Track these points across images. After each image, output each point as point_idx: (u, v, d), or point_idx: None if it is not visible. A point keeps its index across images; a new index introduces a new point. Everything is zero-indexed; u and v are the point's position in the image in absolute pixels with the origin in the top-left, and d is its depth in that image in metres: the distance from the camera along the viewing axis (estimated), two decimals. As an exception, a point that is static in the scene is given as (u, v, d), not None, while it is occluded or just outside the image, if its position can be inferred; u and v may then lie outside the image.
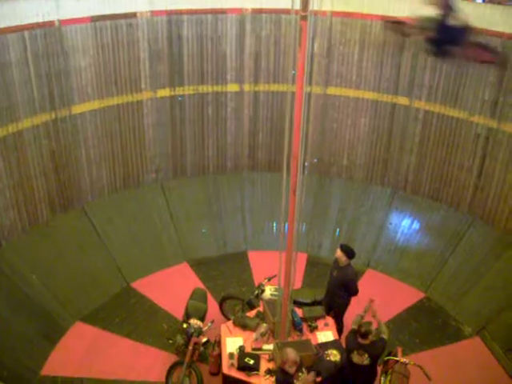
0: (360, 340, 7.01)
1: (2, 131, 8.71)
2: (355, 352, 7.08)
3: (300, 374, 6.71)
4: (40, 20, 8.74)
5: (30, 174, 9.35)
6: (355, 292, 8.33)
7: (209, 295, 9.29)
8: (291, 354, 6.49)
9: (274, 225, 11.49)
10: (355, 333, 7.09)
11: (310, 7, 5.56)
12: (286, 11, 10.51)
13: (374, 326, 7.14)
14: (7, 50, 8.44)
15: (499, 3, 9.54)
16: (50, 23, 8.90)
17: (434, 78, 10.23)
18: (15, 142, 8.97)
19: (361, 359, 7.06)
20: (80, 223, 10.29)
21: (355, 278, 8.49)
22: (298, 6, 5.69)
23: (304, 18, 5.56)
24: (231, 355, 7.55)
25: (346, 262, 8.30)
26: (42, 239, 9.67)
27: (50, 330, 8.99)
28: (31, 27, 8.65)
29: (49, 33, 8.93)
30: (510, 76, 9.34)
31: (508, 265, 9.68)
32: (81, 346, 8.90)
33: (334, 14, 10.37)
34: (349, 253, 8.29)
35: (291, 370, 6.48)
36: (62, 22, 9.05)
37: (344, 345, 7.45)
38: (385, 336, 7.19)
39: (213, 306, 9.22)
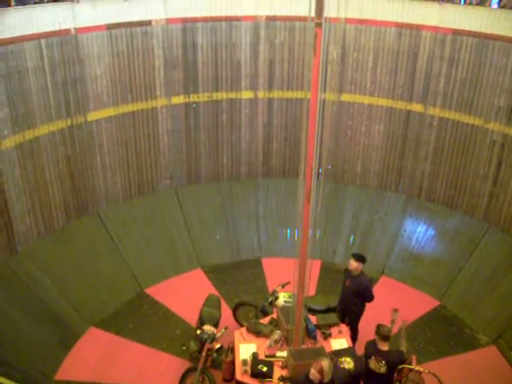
0: (379, 346, 6.99)
1: (18, 138, 8.81)
2: (373, 358, 7.04)
3: None
4: (56, 28, 8.86)
5: (45, 180, 9.44)
6: (371, 299, 8.31)
7: (222, 302, 9.29)
8: (326, 366, 6.42)
9: (288, 231, 11.47)
10: (375, 340, 7.06)
11: (325, 14, 5.57)
12: (300, 18, 10.55)
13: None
14: (24, 57, 8.55)
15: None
16: (66, 31, 9.02)
17: (449, 85, 10.19)
18: (32, 148, 9.06)
19: (378, 366, 7.01)
20: (95, 229, 10.35)
21: (370, 284, 8.45)
22: (313, 13, 5.71)
23: (319, 25, 5.56)
24: (244, 362, 7.52)
25: (359, 271, 8.27)
26: (57, 245, 9.74)
27: (64, 335, 9.04)
28: (48, 35, 8.77)
29: (65, 41, 9.04)
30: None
31: (524, 273, 9.59)
32: (95, 351, 8.94)
33: (349, 20, 10.38)
34: (363, 260, 8.26)
35: (315, 379, 6.46)
36: (78, 30, 9.16)
37: (364, 351, 7.41)
38: (403, 349, 7.13)
39: (226, 313, 9.22)
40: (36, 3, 8.96)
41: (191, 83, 10.83)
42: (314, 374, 6.40)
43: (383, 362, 6.96)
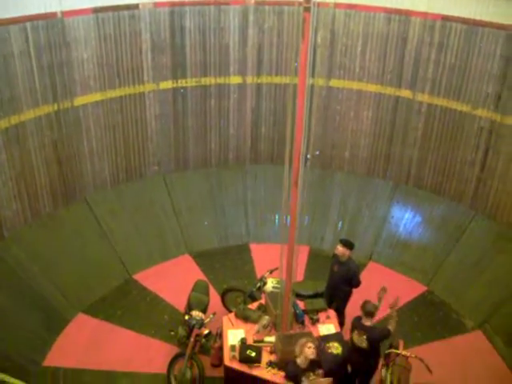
0: (363, 321, 7.17)
1: (4, 123, 8.70)
2: (355, 331, 7.24)
3: (312, 374, 6.71)
4: (42, 11, 8.71)
5: (32, 165, 9.36)
6: (358, 284, 8.39)
7: (211, 287, 9.32)
8: (309, 350, 6.55)
9: (276, 217, 11.48)
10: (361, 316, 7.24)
11: (313, -1, 5.53)
12: (289, 3, 10.48)
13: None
14: (9, 41, 8.41)
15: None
16: (52, 14, 8.87)
17: (438, 71, 10.18)
18: (17, 133, 8.96)
19: (360, 340, 7.17)
20: (82, 215, 10.30)
21: (358, 270, 8.50)
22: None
23: (307, 9, 5.52)
24: (233, 347, 7.56)
25: (346, 256, 8.31)
26: (44, 230, 9.69)
27: (52, 322, 9.02)
28: (33, 18, 8.62)
29: (51, 24, 8.90)
30: (513, 69, 9.32)
31: (510, 258, 9.66)
32: (83, 337, 8.94)
33: (338, 5, 10.32)
34: (350, 245, 8.30)
35: (303, 364, 6.52)
36: (65, 14, 9.02)
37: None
38: (390, 327, 7.20)
39: (215, 298, 9.23)
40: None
41: (179, 68, 10.73)
42: (303, 363, 6.50)
43: (364, 337, 7.11)
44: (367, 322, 7.17)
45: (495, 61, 9.47)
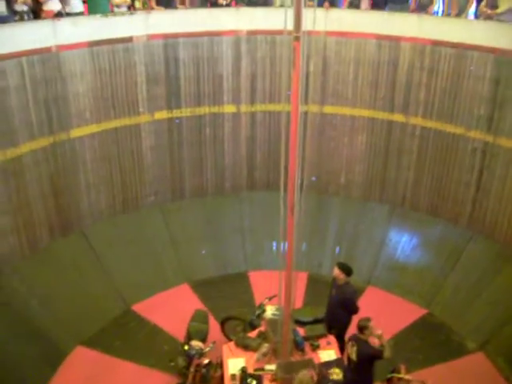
0: (357, 334, 7.29)
1: (0, 156, 8.76)
2: (349, 343, 7.37)
3: None
4: (37, 46, 8.84)
5: (28, 198, 9.38)
6: (355, 311, 8.27)
7: (210, 316, 9.26)
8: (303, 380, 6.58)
9: (274, 244, 11.48)
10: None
11: (303, 28, 5.62)
12: (281, 32, 10.56)
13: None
14: (5, 76, 8.52)
15: (489, 16, 9.67)
16: (48, 49, 9.01)
17: (429, 95, 10.31)
18: (14, 166, 9.01)
19: (351, 351, 7.27)
20: (79, 247, 10.28)
21: (354, 296, 8.43)
22: (291, 26, 5.77)
23: (297, 38, 5.62)
24: (233, 376, 7.50)
25: (344, 281, 8.27)
26: (41, 263, 9.66)
27: (50, 355, 8.94)
28: (29, 53, 8.75)
29: (46, 58, 9.03)
30: (503, 91, 9.43)
31: (509, 278, 9.65)
32: (82, 370, 8.84)
33: (329, 33, 10.47)
34: (346, 270, 8.27)
35: None
36: (60, 48, 9.15)
37: None
38: (384, 350, 7.12)
39: (214, 327, 9.17)
40: (16, 21, 8.95)
41: (174, 98, 10.84)
42: None
43: (354, 349, 7.20)
44: (360, 336, 7.23)
45: (485, 83, 9.61)
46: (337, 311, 8.37)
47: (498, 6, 9.72)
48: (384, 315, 9.63)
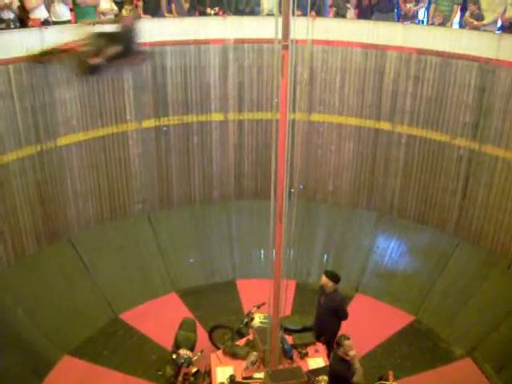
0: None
1: (-14, 165, 8.71)
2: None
3: None
4: (24, 53, 8.80)
5: (15, 206, 9.31)
6: (345, 316, 8.32)
7: (198, 325, 9.21)
8: None
9: (262, 252, 11.48)
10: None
11: (291, 37, 5.66)
12: (268, 41, 10.68)
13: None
14: (-9, 83, 8.48)
15: (475, 27, 9.80)
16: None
17: (415, 103, 10.41)
18: (0, 174, 8.94)
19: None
20: (67, 255, 10.21)
21: (343, 302, 8.47)
22: (279, 35, 5.81)
23: (285, 47, 5.65)
24: (223, 384, 7.47)
25: (332, 288, 8.29)
26: (28, 272, 9.58)
27: (37, 365, 8.84)
28: (16, 61, 8.71)
29: (34, 66, 8.98)
30: (488, 99, 9.55)
31: (495, 285, 9.74)
32: (69, 380, 8.76)
33: (316, 42, 10.56)
34: (334, 278, 8.28)
35: None
36: (47, 56, 9.11)
37: None
38: (355, 376, 7.08)
39: (202, 336, 9.13)
40: (2, 29, 8.92)
41: (161, 106, 10.84)
42: None
43: (331, 355, 7.61)
44: (337, 351, 7.30)
45: (470, 91, 9.72)
46: (326, 319, 8.38)
47: (484, 16, 9.85)
48: (372, 322, 9.71)
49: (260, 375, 7.62)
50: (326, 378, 7.55)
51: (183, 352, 8.00)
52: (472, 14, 9.97)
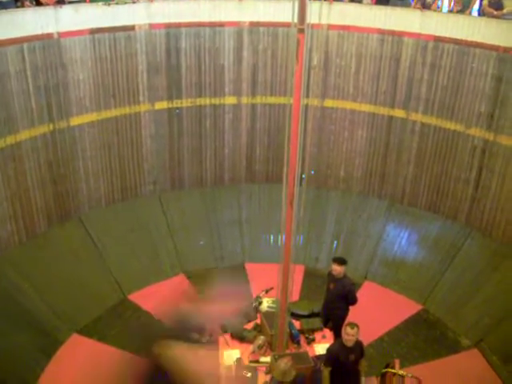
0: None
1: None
2: None
3: None
4: (39, 32, 8.79)
5: (27, 185, 9.36)
6: (355, 301, 8.32)
7: (206, 307, 9.24)
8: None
9: (272, 237, 11.48)
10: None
11: (308, 20, 5.60)
12: (283, 24, 10.59)
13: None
14: (6, 61, 8.49)
15: (494, 17, 9.64)
16: (49, 35, 8.98)
17: (431, 91, 10.29)
18: (13, 153, 8.99)
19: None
20: (77, 234, 10.27)
21: (353, 287, 8.48)
22: (295, 19, 5.75)
23: (301, 31, 5.59)
24: (229, 368, 7.50)
25: (342, 274, 8.29)
26: (38, 250, 9.65)
27: (46, 343, 8.94)
28: (30, 39, 8.70)
29: (47, 45, 8.99)
30: (505, 89, 9.41)
31: (506, 276, 9.68)
32: (77, 358, 8.84)
33: (331, 27, 10.45)
34: (341, 262, 8.28)
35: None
36: (61, 35, 9.12)
37: None
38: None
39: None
40: (18, 7, 8.89)
41: (175, 88, 10.81)
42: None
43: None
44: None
45: (487, 81, 9.59)
46: (335, 305, 8.38)
47: (503, 5, 9.68)
48: (380, 310, 9.69)
49: (267, 359, 7.65)
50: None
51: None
52: (490, 2, 9.79)
